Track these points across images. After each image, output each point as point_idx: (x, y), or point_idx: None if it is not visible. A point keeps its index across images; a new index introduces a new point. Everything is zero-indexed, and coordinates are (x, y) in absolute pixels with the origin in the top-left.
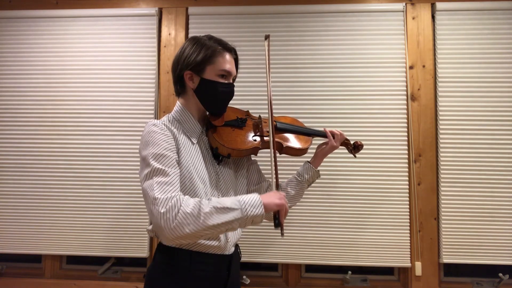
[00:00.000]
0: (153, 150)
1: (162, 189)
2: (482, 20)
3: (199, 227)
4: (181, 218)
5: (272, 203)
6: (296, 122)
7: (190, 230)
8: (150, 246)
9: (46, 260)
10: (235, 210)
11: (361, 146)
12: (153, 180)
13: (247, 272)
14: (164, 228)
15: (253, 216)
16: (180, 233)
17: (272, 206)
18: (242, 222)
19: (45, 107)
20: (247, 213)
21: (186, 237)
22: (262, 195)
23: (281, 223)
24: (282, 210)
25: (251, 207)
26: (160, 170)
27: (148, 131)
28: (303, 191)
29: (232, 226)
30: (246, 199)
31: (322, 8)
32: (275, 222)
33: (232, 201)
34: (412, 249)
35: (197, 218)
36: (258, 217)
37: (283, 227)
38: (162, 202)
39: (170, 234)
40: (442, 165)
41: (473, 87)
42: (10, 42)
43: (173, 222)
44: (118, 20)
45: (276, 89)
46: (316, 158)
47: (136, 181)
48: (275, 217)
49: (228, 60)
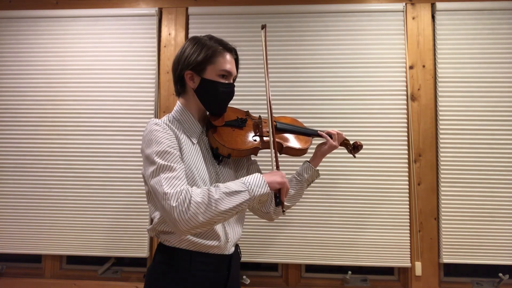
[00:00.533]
0: (157, 148)
1: (171, 183)
2: (482, 20)
3: (212, 213)
4: (194, 208)
5: (275, 182)
6: (296, 122)
7: (204, 218)
8: (150, 246)
9: (46, 260)
10: (242, 192)
11: (361, 146)
12: (160, 176)
13: (247, 272)
14: (179, 220)
15: (260, 196)
16: (195, 223)
17: (274, 185)
18: (250, 203)
19: (45, 107)
20: (254, 193)
21: (201, 225)
22: (265, 174)
23: (282, 201)
24: (284, 188)
25: (257, 187)
26: (166, 166)
27: (150, 129)
28: (303, 191)
29: (242, 208)
30: (250, 180)
31: (322, 8)
32: (276, 201)
33: (237, 184)
34: (412, 249)
35: (208, 206)
36: (265, 196)
37: (284, 204)
38: (172, 196)
39: (186, 225)
40: (442, 165)
41: (473, 87)
42: (10, 42)
43: (187, 213)
44: (118, 20)
45: (276, 89)
46: (315, 157)
47: (136, 181)
48: (276, 196)
49: (228, 60)
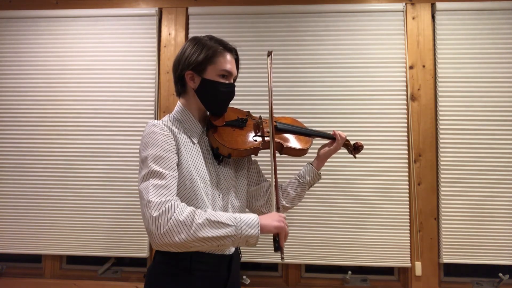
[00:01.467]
0: (153, 152)
1: (158, 192)
2: (482, 20)
3: (189, 237)
4: (172, 225)
5: (271, 225)
6: (296, 122)
7: (180, 239)
8: (150, 246)
9: (46, 260)
10: (229, 226)
11: (361, 147)
12: (149, 182)
13: (247, 272)
14: (154, 233)
15: (247, 236)
16: (168, 241)
17: (270, 228)
18: (235, 240)
19: (45, 107)
20: (242, 231)
21: (175, 245)
22: (261, 216)
23: (281, 247)
24: (282, 233)
25: (247, 226)
26: (158, 172)
27: (148, 132)
28: (304, 193)
29: (224, 242)
30: (243, 217)
31: (322, 8)
32: (275, 246)
33: (228, 217)
34: (412, 249)
35: (188, 228)
36: (253, 238)
37: (283, 250)
38: (155, 205)
39: (159, 240)
40: (442, 165)
41: (473, 87)
42: (10, 42)
43: (164, 228)
44: (118, 20)
45: (276, 89)
46: (319, 160)
47: (136, 181)
48: (275, 240)
49: (229, 60)
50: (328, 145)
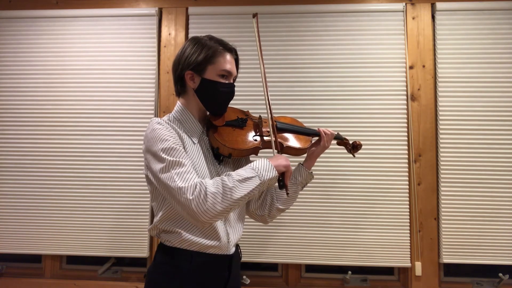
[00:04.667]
0: (162, 145)
1: (183, 178)
2: (482, 20)
3: (229, 202)
4: (211, 199)
5: (280, 165)
6: (295, 122)
7: (222, 207)
8: (150, 246)
9: (46, 260)
10: (253, 178)
11: (360, 145)
12: (171, 172)
13: (247, 272)
14: (198, 212)
15: (269, 179)
16: (214, 213)
17: (280, 168)
18: (262, 187)
19: (45, 107)
20: (264, 177)
21: (220, 214)
22: (270, 159)
23: (286, 184)
24: (288, 172)
25: (266, 171)
26: (176, 162)
27: (153, 128)
28: (297, 194)
29: (254, 193)
30: (258, 165)
31: (322, 8)
32: (280, 184)
33: (247, 171)
34: (412, 249)
35: (224, 195)
36: (273, 179)
37: (288, 187)
38: (188, 189)
39: (205, 216)
40: (442, 165)
41: (473, 87)
42: (10, 42)
43: (205, 204)
44: (118, 20)
45: (276, 89)
46: (309, 159)
47: (136, 181)
48: (279, 180)
49: (228, 60)
50: (316, 144)
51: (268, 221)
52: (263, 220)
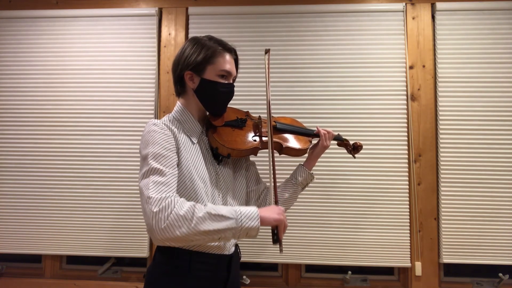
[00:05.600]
0: (153, 150)
1: (158, 188)
2: (482, 20)
3: (190, 231)
4: (173, 220)
5: (270, 218)
6: (295, 122)
7: (181, 233)
8: (150, 246)
9: (46, 260)
10: (229, 219)
11: (361, 147)
12: (149, 179)
13: (247, 272)
14: (154, 228)
15: (247, 229)
16: (169, 235)
17: (270, 221)
18: (236, 233)
19: (45, 107)
20: (242, 224)
21: (176, 239)
22: (261, 209)
23: (279, 239)
24: (281, 226)
25: (247, 218)
26: (158, 169)
27: (148, 130)
28: (297, 194)
29: (225, 235)
30: (243, 210)
31: (322, 8)
32: (274, 238)
33: (228, 210)
34: (412, 249)
35: (189, 222)
36: (253, 230)
37: (281, 243)
38: (155, 201)
39: (160, 235)
40: (442, 165)
41: (473, 87)
42: (10, 42)
43: (164, 222)
44: (118, 20)
45: (276, 89)
46: (309, 160)
47: (136, 181)
48: (274, 233)
49: (228, 60)
50: (316, 144)
51: None
52: None
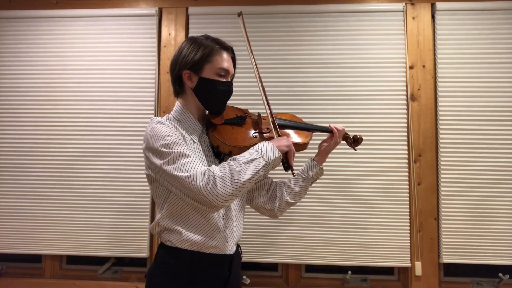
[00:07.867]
0: (164, 141)
1: (190, 167)
2: (482, 20)
3: (237, 184)
4: (220, 183)
5: (283, 145)
6: (294, 118)
7: (231, 189)
8: (150, 246)
9: (46, 260)
10: (258, 159)
11: (361, 139)
12: (177, 163)
13: (247, 272)
14: (210, 197)
15: (273, 160)
16: (225, 196)
17: (283, 148)
18: (266, 168)
19: (45, 107)
20: (268, 158)
21: (231, 197)
22: (272, 140)
23: (290, 165)
24: (291, 152)
25: (269, 152)
26: (180, 153)
27: (153, 126)
28: (307, 189)
29: (260, 174)
30: (261, 147)
31: (322, 8)
32: (285, 166)
33: (251, 153)
34: (412, 249)
35: (232, 178)
36: (277, 160)
37: (293, 168)
38: (197, 176)
39: (217, 200)
40: (442, 165)
41: (473, 87)
42: (10, 42)
43: (215, 189)
44: (118, 20)
45: (276, 89)
46: (320, 155)
47: (136, 181)
48: (284, 162)
49: (225, 58)
50: (328, 140)
51: (277, 215)
52: (273, 214)
